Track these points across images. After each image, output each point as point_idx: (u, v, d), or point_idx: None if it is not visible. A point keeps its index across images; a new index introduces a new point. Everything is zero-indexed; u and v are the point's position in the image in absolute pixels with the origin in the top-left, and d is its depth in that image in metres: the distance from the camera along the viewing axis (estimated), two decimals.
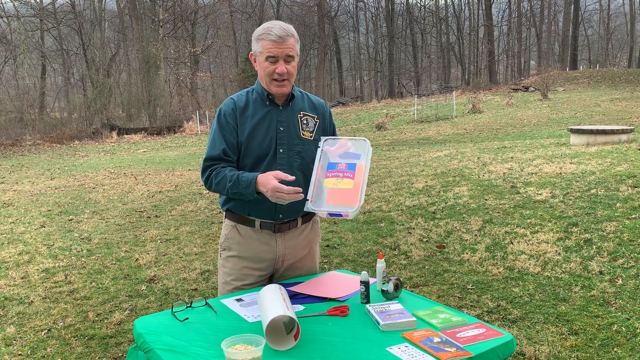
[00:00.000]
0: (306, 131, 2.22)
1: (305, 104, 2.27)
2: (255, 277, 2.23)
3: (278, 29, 2.07)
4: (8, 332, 3.70)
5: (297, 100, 2.24)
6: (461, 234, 5.35)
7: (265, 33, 2.08)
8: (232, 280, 2.23)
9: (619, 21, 54.92)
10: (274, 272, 2.29)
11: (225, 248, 2.27)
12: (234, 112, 2.18)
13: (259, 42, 2.10)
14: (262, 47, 2.10)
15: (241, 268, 2.22)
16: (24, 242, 6.13)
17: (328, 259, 4.98)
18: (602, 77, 35.51)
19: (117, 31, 36.68)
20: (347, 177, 1.90)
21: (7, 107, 27.66)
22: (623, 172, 6.67)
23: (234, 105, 2.19)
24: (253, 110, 2.18)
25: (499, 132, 15.84)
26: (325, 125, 2.30)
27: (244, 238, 2.22)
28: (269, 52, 2.08)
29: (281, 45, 2.07)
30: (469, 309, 3.69)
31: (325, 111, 2.32)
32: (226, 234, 2.27)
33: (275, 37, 2.06)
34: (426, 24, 50.57)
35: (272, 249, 2.22)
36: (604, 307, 3.54)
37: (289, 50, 2.08)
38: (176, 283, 4.58)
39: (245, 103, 2.20)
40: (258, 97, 2.21)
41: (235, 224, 2.23)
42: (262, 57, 2.11)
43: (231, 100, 2.22)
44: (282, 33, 2.06)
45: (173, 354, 1.64)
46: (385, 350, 1.62)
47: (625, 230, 4.82)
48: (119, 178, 11.40)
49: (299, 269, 2.32)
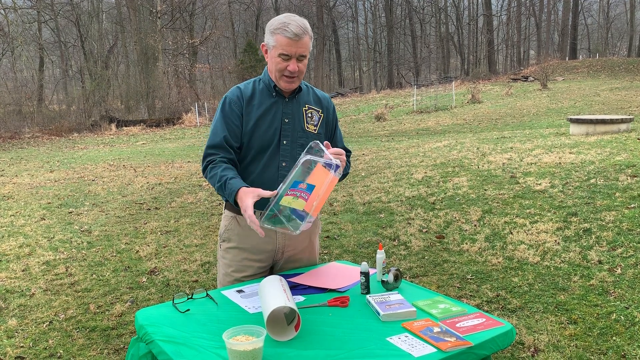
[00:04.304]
0: (310, 124, 2.22)
1: (311, 98, 2.27)
2: (255, 269, 2.24)
3: (295, 26, 2.03)
4: (10, 324, 3.71)
5: (303, 93, 2.24)
6: (461, 224, 5.36)
7: (282, 28, 2.04)
8: (232, 272, 2.24)
9: (618, 10, 54.68)
10: (274, 263, 2.30)
11: (225, 239, 2.27)
12: (239, 100, 2.17)
13: (274, 35, 2.06)
14: (276, 41, 2.06)
15: (241, 259, 2.23)
16: (25, 235, 6.14)
17: (328, 250, 5.00)
18: (601, 67, 35.39)
19: (114, 23, 36.48)
20: (302, 198, 1.89)
21: (6, 99, 27.56)
22: (622, 161, 6.67)
23: (240, 94, 2.18)
24: (259, 100, 2.17)
25: (499, 122, 15.82)
26: (329, 120, 2.30)
27: (243, 229, 2.22)
28: (283, 50, 2.05)
29: (296, 44, 2.04)
30: (469, 299, 3.71)
31: (329, 105, 2.32)
32: (226, 225, 2.27)
33: (291, 35, 2.03)
34: (425, 14, 50.32)
35: (272, 240, 2.23)
36: (603, 296, 3.55)
37: (303, 50, 2.07)
38: (177, 275, 4.60)
39: (252, 92, 2.19)
40: (265, 88, 2.20)
41: (235, 215, 2.23)
42: (275, 52, 2.08)
43: (237, 88, 2.21)
44: (299, 31, 2.03)
45: (174, 345, 1.65)
46: (386, 340, 1.63)
47: (625, 219, 4.83)
48: (118, 170, 11.40)
49: (299, 260, 2.32)
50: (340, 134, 2.40)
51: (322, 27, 45.39)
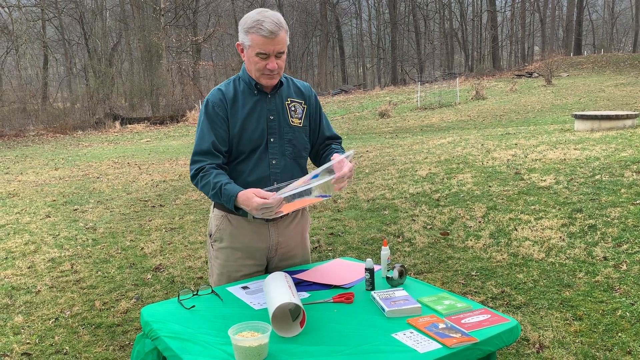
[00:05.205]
0: (295, 118, 2.20)
1: (292, 90, 2.24)
2: (249, 267, 2.21)
3: (270, 23, 1.99)
4: (16, 321, 3.73)
5: (284, 87, 2.21)
6: (465, 221, 5.36)
7: (256, 27, 1.99)
8: (227, 272, 2.21)
9: (623, 5, 54.31)
10: (269, 261, 2.26)
11: (217, 239, 2.23)
12: (222, 102, 2.12)
13: (249, 35, 2.02)
14: (252, 41, 2.02)
15: (236, 259, 2.20)
16: (30, 232, 6.16)
17: (332, 247, 5.00)
18: (606, 62, 35.20)
19: (118, 20, 36.48)
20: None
21: (10, 97, 27.65)
22: (628, 157, 6.64)
23: (222, 96, 2.13)
24: (243, 101, 2.14)
25: (503, 118, 15.77)
26: (312, 110, 2.28)
27: (236, 228, 2.19)
28: (260, 49, 2.01)
29: (273, 42, 2.00)
30: (474, 295, 3.71)
31: (311, 94, 2.29)
32: (217, 224, 2.23)
33: (267, 33, 1.98)
34: (429, 10, 50.16)
35: (265, 238, 2.20)
36: (608, 293, 3.54)
37: (280, 46, 2.02)
38: (182, 271, 4.61)
39: (234, 93, 2.15)
40: (246, 87, 2.16)
41: (226, 214, 2.20)
42: (252, 52, 2.04)
43: (218, 90, 2.15)
44: (274, 28, 1.99)
45: (180, 341, 1.65)
46: (391, 336, 1.63)
47: (630, 215, 4.81)
48: (122, 168, 11.43)
49: (293, 258, 2.30)
50: (326, 120, 2.36)
51: (326, 24, 45.32)
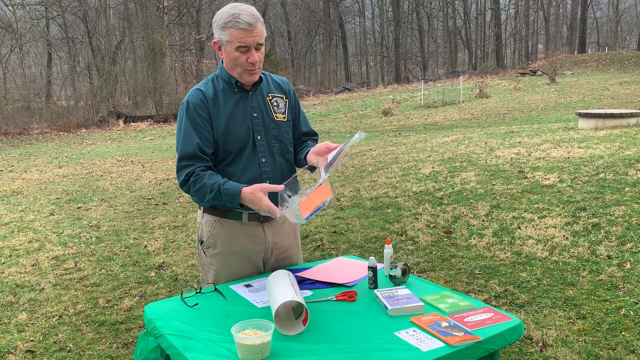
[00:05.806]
0: (278, 113, 2.17)
1: (271, 86, 2.21)
2: (246, 270, 2.18)
3: (246, 15, 1.96)
4: (20, 318, 3.75)
5: (263, 83, 2.18)
6: (468, 219, 5.35)
7: (233, 21, 1.95)
8: (222, 278, 2.16)
9: (628, 3, 54.05)
10: (264, 263, 2.23)
11: (210, 245, 2.16)
12: (204, 102, 2.05)
13: (226, 30, 1.97)
14: (230, 36, 1.97)
15: (231, 265, 2.15)
16: (34, 230, 6.18)
17: (335, 245, 5.00)
18: (610, 60, 35.08)
19: (122, 18, 36.55)
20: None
21: (14, 95, 27.73)
22: (632, 156, 6.62)
23: (202, 96, 2.06)
24: (224, 100, 2.09)
25: (507, 116, 15.74)
26: (292, 104, 2.25)
27: (230, 233, 2.13)
28: (240, 42, 1.97)
29: (252, 34, 1.96)
30: (477, 294, 3.70)
31: (290, 88, 2.27)
32: (209, 230, 2.15)
33: (245, 26, 1.95)
34: (432, 8, 50.05)
35: (261, 240, 2.17)
36: (612, 292, 3.53)
37: (259, 37, 1.99)
38: (185, 269, 4.62)
39: (214, 92, 2.08)
40: (226, 85, 2.10)
41: (219, 218, 2.14)
42: (231, 47, 1.99)
43: (198, 91, 2.08)
44: (251, 20, 1.96)
45: (183, 339, 1.65)
46: (394, 334, 1.63)
47: (634, 214, 4.79)
48: (126, 166, 11.45)
49: (288, 258, 2.28)
50: (304, 116, 2.33)
51: (329, 22, 45.28)
